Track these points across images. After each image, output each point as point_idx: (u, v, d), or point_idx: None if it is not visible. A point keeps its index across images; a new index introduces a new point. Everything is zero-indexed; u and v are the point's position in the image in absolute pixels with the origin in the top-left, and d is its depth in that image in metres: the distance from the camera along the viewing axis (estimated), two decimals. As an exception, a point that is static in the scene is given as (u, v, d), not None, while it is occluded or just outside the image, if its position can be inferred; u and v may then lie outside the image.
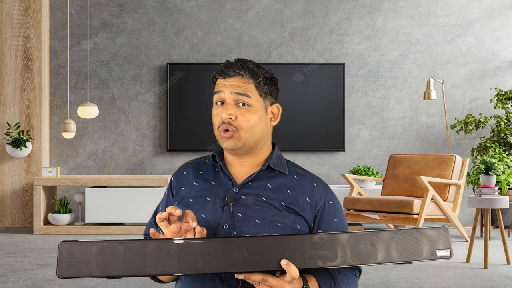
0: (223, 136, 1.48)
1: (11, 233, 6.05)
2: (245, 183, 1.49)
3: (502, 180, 5.49)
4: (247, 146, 1.49)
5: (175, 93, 6.65)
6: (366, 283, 3.80)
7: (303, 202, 1.48)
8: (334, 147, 6.69)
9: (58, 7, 6.75)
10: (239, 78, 1.49)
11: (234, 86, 1.48)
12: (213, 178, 1.53)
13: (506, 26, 6.75)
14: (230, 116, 1.46)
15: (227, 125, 1.47)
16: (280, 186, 1.50)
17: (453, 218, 5.26)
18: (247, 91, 1.48)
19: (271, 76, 1.55)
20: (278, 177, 1.52)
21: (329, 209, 1.52)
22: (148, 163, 6.76)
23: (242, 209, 1.45)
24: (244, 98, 1.47)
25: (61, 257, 1.19)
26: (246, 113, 1.48)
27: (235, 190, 1.48)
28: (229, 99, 1.48)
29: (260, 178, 1.51)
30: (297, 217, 1.47)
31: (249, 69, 1.50)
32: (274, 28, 6.77)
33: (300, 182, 1.52)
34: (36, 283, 3.80)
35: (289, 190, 1.49)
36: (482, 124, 6.31)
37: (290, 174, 1.53)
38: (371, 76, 6.77)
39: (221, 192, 1.49)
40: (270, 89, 1.54)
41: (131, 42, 6.76)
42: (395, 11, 6.77)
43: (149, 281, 3.86)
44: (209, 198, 1.49)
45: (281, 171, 1.52)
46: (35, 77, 6.47)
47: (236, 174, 1.53)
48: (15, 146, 6.25)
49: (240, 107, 1.48)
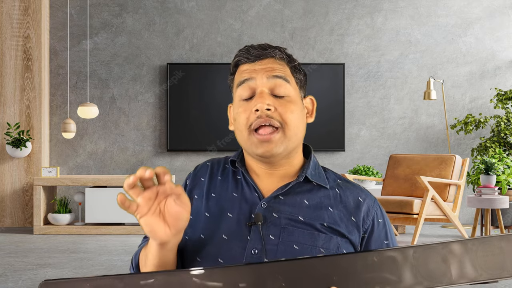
0: (259, 139, 1.13)
1: (11, 233, 6.05)
2: (276, 196, 1.17)
3: (502, 180, 5.49)
4: (288, 150, 1.17)
5: (175, 93, 6.65)
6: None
7: (347, 222, 1.18)
8: (334, 147, 6.69)
9: (58, 7, 6.75)
10: (273, 59, 1.17)
11: (270, 69, 1.15)
12: (234, 188, 1.20)
13: (506, 26, 6.75)
14: (269, 107, 1.13)
15: (267, 119, 1.12)
16: (319, 203, 1.18)
17: (453, 218, 5.26)
18: (286, 75, 1.17)
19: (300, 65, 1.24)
20: (316, 192, 1.20)
21: (379, 229, 1.21)
22: (148, 163, 6.75)
23: (275, 231, 1.13)
24: (283, 83, 1.15)
25: None
26: (287, 104, 1.15)
27: (263, 205, 1.16)
28: (265, 87, 1.15)
29: (294, 192, 1.18)
30: (343, 240, 1.16)
31: (281, 50, 1.19)
32: (274, 28, 6.77)
33: (343, 197, 1.20)
34: (36, 283, 3.80)
35: (331, 208, 1.18)
36: (482, 124, 6.31)
37: (331, 188, 1.21)
38: (371, 76, 6.77)
39: (246, 207, 1.16)
40: (305, 78, 1.23)
41: (131, 42, 6.76)
42: (395, 11, 6.77)
43: None
44: (231, 214, 1.16)
45: (321, 185, 1.21)
46: (35, 77, 6.47)
47: (262, 185, 1.20)
48: (15, 146, 6.25)
49: (278, 99, 1.15)
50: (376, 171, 6.21)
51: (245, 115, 1.15)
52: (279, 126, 1.13)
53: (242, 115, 1.15)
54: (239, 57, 1.20)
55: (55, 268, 4.27)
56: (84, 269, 4.22)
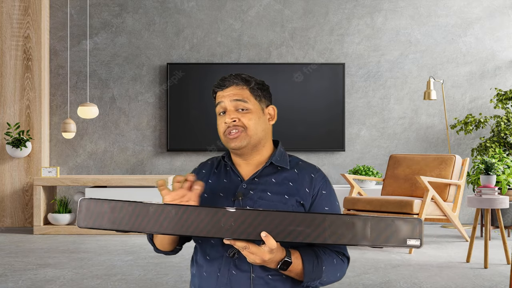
0: (230, 138, 1.67)
1: (11, 233, 6.05)
2: (252, 179, 1.69)
3: (502, 180, 5.49)
4: (252, 144, 1.68)
5: (175, 93, 6.65)
6: (366, 283, 3.80)
7: (303, 192, 1.67)
8: (334, 147, 6.69)
9: (58, 7, 6.75)
10: (235, 86, 1.70)
11: (232, 94, 1.69)
12: (225, 176, 1.73)
13: (506, 26, 6.75)
14: (234, 119, 1.67)
15: (233, 127, 1.67)
16: (283, 180, 1.68)
17: (453, 218, 5.26)
18: (244, 97, 1.69)
19: (262, 82, 1.75)
20: (281, 172, 1.70)
21: (322, 197, 1.69)
22: (148, 163, 6.76)
23: (250, 203, 1.65)
24: (242, 103, 1.68)
25: (80, 210, 1.44)
26: (246, 115, 1.69)
27: (244, 186, 1.68)
28: (230, 107, 1.68)
29: (265, 174, 1.70)
30: (298, 205, 1.66)
31: (241, 77, 1.71)
32: (274, 28, 6.77)
33: (300, 174, 1.70)
34: (36, 283, 3.80)
35: (291, 183, 1.68)
36: (482, 124, 6.31)
37: (291, 168, 1.71)
38: (371, 76, 6.77)
39: (232, 188, 1.69)
40: (263, 93, 1.74)
41: (131, 42, 6.76)
42: (395, 11, 6.77)
43: (149, 281, 3.86)
44: (222, 194, 1.69)
45: (283, 167, 1.71)
46: (35, 77, 6.47)
47: (243, 172, 1.73)
48: (15, 146, 6.25)
49: (240, 112, 1.68)
50: (376, 171, 6.21)
51: (222, 126, 1.69)
52: (241, 130, 1.67)
53: (220, 127, 1.70)
54: (214, 87, 1.73)
55: (55, 268, 4.26)
56: (84, 269, 4.22)
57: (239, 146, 1.67)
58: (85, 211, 1.44)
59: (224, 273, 1.60)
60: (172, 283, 3.80)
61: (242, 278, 1.59)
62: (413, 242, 1.42)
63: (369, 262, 4.48)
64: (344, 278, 3.86)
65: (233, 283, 1.59)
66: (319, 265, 1.58)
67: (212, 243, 1.64)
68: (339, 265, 1.65)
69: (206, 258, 1.64)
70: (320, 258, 1.60)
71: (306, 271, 1.56)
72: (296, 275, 1.58)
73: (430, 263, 4.46)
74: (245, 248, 1.45)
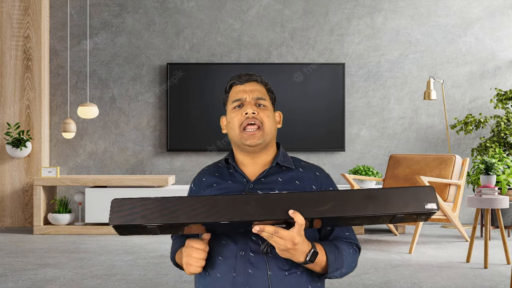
0: (247, 135, 1.68)
1: (11, 233, 6.04)
2: (258, 179, 1.70)
3: (502, 180, 5.49)
4: (266, 142, 1.71)
5: (175, 93, 6.65)
6: (366, 283, 3.80)
7: (310, 190, 1.70)
8: (334, 147, 6.69)
9: (58, 7, 6.75)
10: (255, 83, 1.74)
11: (253, 90, 1.72)
12: (229, 178, 1.74)
13: (506, 26, 6.75)
14: (254, 111, 1.68)
15: (253, 119, 1.68)
16: (289, 179, 1.71)
17: (453, 218, 5.26)
18: (263, 94, 1.73)
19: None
20: (286, 172, 1.73)
21: None
22: (148, 163, 6.76)
23: None
24: (261, 100, 1.72)
25: (112, 209, 1.51)
26: (265, 111, 1.71)
27: (251, 186, 1.69)
28: (250, 100, 1.70)
29: (271, 174, 1.72)
30: None
31: (260, 78, 1.76)
32: (274, 28, 6.77)
33: (305, 173, 1.73)
34: (36, 283, 3.80)
35: (297, 181, 1.71)
36: (482, 124, 6.31)
37: (296, 168, 1.74)
38: (371, 76, 6.77)
39: (238, 189, 1.69)
40: (274, 96, 1.80)
41: (131, 42, 6.76)
42: (395, 11, 6.77)
43: (149, 281, 3.86)
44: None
45: (288, 167, 1.74)
46: (35, 77, 6.47)
47: (248, 172, 1.73)
48: (15, 146, 6.25)
49: (259, 107, 1.71)
50: (376, 171, 6.21)
51: (237, 119, 1.69)
52: (260, 125, 1.68)
53: (235, 120, 1.70)
54: (234, 80, 1.74)
55: (55, 268, 4.26)
56: (84, 269, 4.22)
57: (256, 144, 1.68)
58: (117, 209, 1.50)
59: (240, 272, 1.58)
60: (172, 283, 3.80)
61: (260, 276, 1.58)
62: (430, 206, 1.48)
63: (369, 262, 4.48)
64: (344, 278, 3.86)
65: (250, 282, 1.58)
66: (339, 254, 1.60)
67: (223, 243, 1.62)
68: (355, 255, 1.67)
69: (219, 258, 1.62)
70: (340, 248, 1.62)
71: (330, 261, 1.58)
72: (320, 267, 1.58)
73: (430, 263, 4.46)
74: (275, 233, 1.45)
